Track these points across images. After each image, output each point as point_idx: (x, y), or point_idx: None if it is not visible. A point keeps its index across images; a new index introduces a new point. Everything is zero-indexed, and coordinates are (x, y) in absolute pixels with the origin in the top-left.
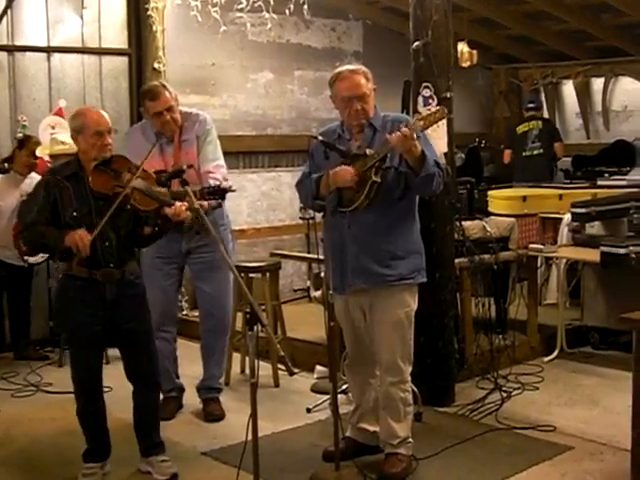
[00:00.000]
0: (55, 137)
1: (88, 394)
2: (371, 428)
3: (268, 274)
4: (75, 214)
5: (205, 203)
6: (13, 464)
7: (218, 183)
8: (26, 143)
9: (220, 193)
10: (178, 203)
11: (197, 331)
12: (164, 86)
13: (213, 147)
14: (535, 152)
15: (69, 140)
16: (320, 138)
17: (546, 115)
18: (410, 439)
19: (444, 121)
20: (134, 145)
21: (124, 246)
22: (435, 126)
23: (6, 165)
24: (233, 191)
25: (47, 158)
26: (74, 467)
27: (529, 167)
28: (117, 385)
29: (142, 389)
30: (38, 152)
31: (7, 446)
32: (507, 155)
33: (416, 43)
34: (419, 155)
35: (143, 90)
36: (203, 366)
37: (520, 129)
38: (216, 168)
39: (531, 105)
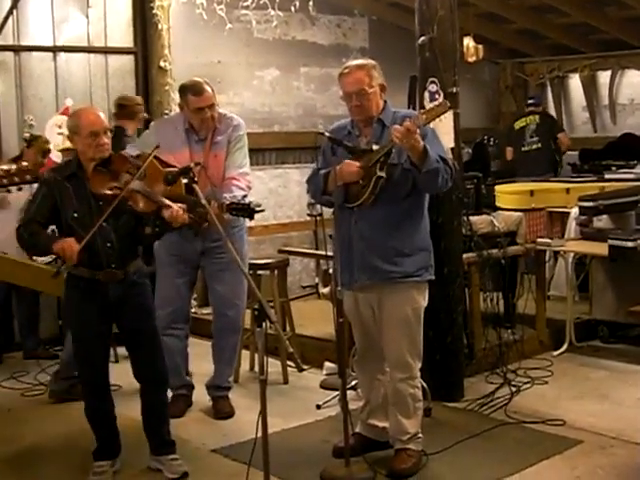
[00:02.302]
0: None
1: (94, 392)
2: (381, 424)
3: (276, 271)
4: (76, 215)
5: (226, 216)
6: (22, 463)
7: (244, 194)
8: (35, 142)
9: (248, 213)
10: (176, 206)
11: (207, 329)
12: (207, 83)
13: (242, 154)
14: (533, 147)
15: None
16: (327, 134)
17: (551, 111)
18: (420, 434)
19: (449, 116)
20: (165, 136)
21: (126, 246)
22: (438, 120)
23: (24, 163)
24: (262, 211)
25: (57, 154)
26: (83, 466)
27: (528, 162)
28: (126, 383)
29: (148, 388)
30: (54, 151)
31: (16, 445)
32: (509, 152)
33: (422, 38)
34: (421, 150)
35: (186, 84)
36: (214, 365)
37: (518, 124)
38: (241, 175)
39: (531, 101)
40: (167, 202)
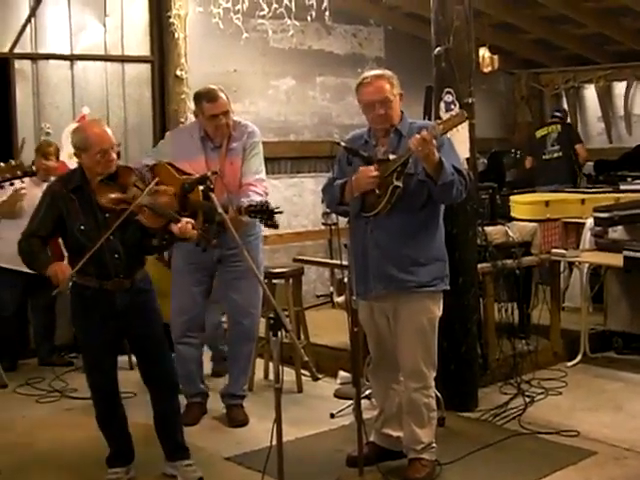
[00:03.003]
0: None
1: (105, 400)
2: (395, 433)
3: (291, 280)
4: (83, 227)
5: (245, 219)
6: (37, 469)
7: (262, 200)
8: (39, 146)
9: (267, 215)
10: (184, 220)
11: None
12: (221, 90)
13: (258, 160)
14: (555, 155)
15: None
16: (343, 144)
17: (568, 121)
18: (434, 444)
19: (465, 126)
20: (181, 145)
21: (133, 256)
22: (455, 130)
23: (33, 168)
24: (280, 212)
25: (74, 163)
26: (98, 472)
27: (549, 170)
28: (140, 391)
29: (159, 394)
30: (65, 157)
31: (31, 451)
32: (528, 161)
33: (438, 49)
34: (436, 163)
35: (200, 92)
36: (229, 373)
37: (539, 133)
38: (258, 182)
39: (557, 114)
40: (176, 216)
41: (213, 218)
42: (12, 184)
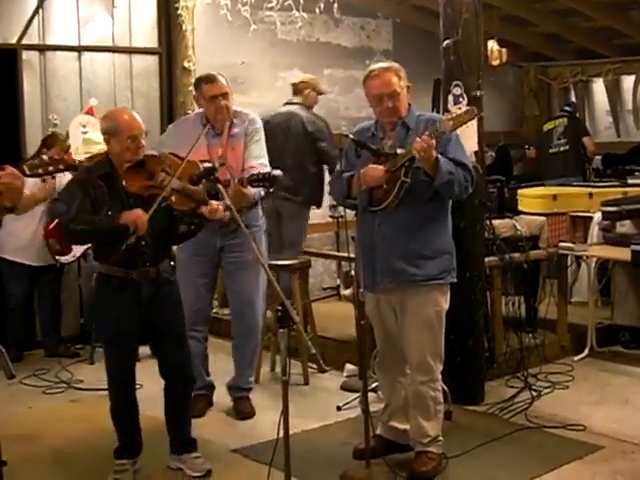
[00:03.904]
0: (89, 137)
1: (123, 393)
2: (401, 426)
3: (298, 272)
4: (110, 213)
5: (253, 190)
6: (43, 461)
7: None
8: (55, 141)
9: (269, 181)
10: (214, 202)
11: (228, 329)
12: (221, 75)
13: (260, 146)
14: (561, 148)
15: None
16: (351, 137)
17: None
18: (440, 437)
19: (474, 120)
20: (183, 134)
21: (160, 245)
22: (464, 126)
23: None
24: (279, 175)
25: (82, 159)
26: (104, 464)
27: (556, 164)
28: (148, 383)
29: (176, 385)
30: (73, 153)
31: (37, 443)
32: (532, 152)
33: (446, 41)
34: (433, 162)
35: (200, 76)
36: (235, 366)
37: (546, 127)
38: (260, 165)
39: (567, 108)
40: (206, 199)
41: (214, 194)
42: (53, 177)
